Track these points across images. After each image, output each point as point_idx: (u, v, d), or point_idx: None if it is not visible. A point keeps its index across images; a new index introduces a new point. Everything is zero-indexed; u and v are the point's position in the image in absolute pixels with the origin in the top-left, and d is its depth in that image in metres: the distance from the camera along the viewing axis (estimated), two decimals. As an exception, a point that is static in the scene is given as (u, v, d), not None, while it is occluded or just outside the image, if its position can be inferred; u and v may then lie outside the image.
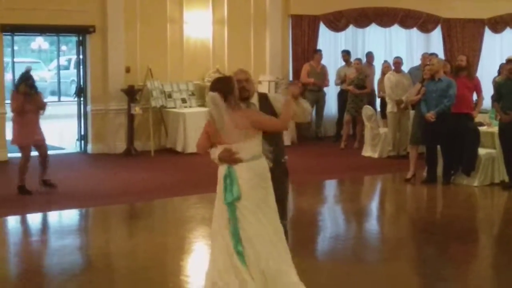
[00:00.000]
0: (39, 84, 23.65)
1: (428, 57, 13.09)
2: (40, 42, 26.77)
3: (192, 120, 12.59)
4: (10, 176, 10.83)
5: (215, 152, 5.24)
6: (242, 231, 5.13)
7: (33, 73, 10.11)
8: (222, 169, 5.23)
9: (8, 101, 16.73)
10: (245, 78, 5.49)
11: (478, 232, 8.34)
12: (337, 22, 15.15)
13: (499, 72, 13.72)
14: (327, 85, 14.64)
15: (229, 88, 5.23)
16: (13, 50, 22.06)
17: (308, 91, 14.47)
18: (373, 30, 15.87)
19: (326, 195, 10.49)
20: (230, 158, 5.17)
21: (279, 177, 5.49)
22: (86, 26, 12.52)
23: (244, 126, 5.17)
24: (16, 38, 21.07)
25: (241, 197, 5.13)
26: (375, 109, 13.45)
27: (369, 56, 14.98)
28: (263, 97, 5.61)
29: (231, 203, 5.13)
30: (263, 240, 5.14)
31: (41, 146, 9.62)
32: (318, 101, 14.56)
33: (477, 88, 11.08)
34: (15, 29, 12.39)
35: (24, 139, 9.44)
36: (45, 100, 9.76)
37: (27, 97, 9.33)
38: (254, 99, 5.54)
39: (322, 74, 14.48)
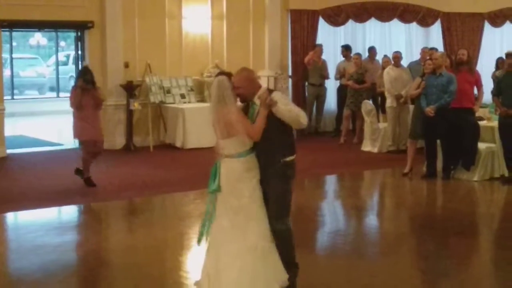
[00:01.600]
0: (37, 80, 23.55)
1: (427, 51, 13.06)
2: (38, 38, 26.72)
3: (191, 116, 12.57)
4: (8, 172, 10.82)
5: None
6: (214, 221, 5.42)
7: (31, 69, 10.15)
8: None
9: (7, 98, 16.77)
10: (236, 86, 5.33)
11: (478, 227, 8.32)
12: (337, 16, 15.11)
13: (497, 67, 13.71)
14: (327, 78, 14.61)
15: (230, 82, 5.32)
16: (11, 46, 22.13)
17: (309, 85, 14.46)
18: (373, 24, 15.85)
19: (326, 190, 10.47)
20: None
21: (274, 177, 5.36)
22: (84, 21, 12.49)
23: (223, 123, 5.28)
24: (14, 34, 21.18)
25: (220, 190, 5.36)
26: (377, 104, 13.42)
27: (372, 51, 14.93)
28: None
29: (212, 192, 5.41)
30: (221, 236, 5.36)
31: (96, 142, 9.64)
32: (319, 96, 14.55)
33: (478, 83, 11.03)
34: (13, 25, 12.36)
35: (83, 133, 9.51)
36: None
37: (85, 92, 9.37)
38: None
39: (323, 69, 14.45)
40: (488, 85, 11.94)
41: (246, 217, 5.33)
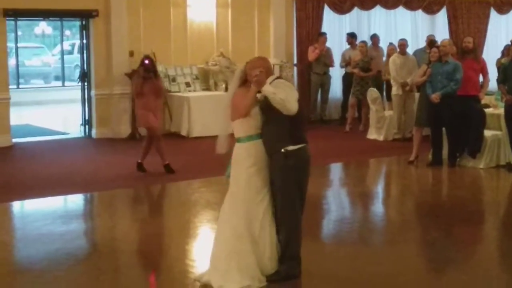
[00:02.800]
0: (42, 69, 23.55)
1: (432, 38, 13.04)
2: (43, 27, 26.67)
3: (196, 104, 12.55)
4: (14, 161, 10.85)
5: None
6: None
7: (36, 58, 10.17)
8: None
9: (12, 87, 16.76)
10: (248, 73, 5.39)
11: (484, 214, 8.30)
12: (342, 4, 15.04)
13: (503, 53, 13.65)
14: (332, 66, 14.57)
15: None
16: (16, 35, 22.11)
17: (313, 73, 14.42)
18: (378, 12, 15.78)
19: (332, 178, 10.45)
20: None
21: (275, 167, 5.35)
22: (89, 10, 12.46)
23: (231, 105, 5.43)
24: (19, 23, 21.15)
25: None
26: (382, 92, 13.38)
27: (375, 38, 14.87)
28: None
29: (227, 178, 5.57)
30: (221, 221, 5.56)
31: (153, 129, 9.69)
32: (324, 84, 14.51)
33: (483, 70, 10.99)
34: (18, 13, 12.35)
35: (145, 121, 9.61)
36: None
37: (146, 80, 9.44)
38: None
39: (327, 57, 14.40)
40: (493, 72, 11.90)
41: (240, 204, 5.37)
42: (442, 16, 16.42)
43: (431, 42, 12.75)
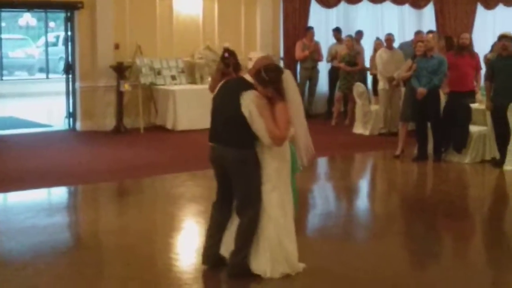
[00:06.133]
0: (26, 61, 23.37)
1: (421, 35, 13.04)
2: (27, 18, 26.49)
3: (182, 97, 12.50)
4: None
5: None
6: None
7: (20, 49, 10.01)
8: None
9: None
10: None
11: (468, 209, 8.32)
12: (329, -2, 15.01)
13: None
14: (321, 60, 14.53)
15: None
16: (0, 27, 21.89)
17: (302, 68, 14.39)
18: (365, 6, 15.76)
19: (317, 172, 10.43)
20: None
21: None
22: (74, 1, 12.36)
23: None
24: (3, 14, 20.98)
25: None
26: (366, 86, 13.39)
27: (358, 34, 14.84)
28: None
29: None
30: None
31: None
32: (311, 78, 14.48)
33: (477, 65, 11.06)
34: (1, 5, 12.26)
35: None
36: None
37: (225, 75, 9.24)
38: None
39: (315, 51, 14.36)
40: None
41: None
42: (429, 11, 16.43)
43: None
